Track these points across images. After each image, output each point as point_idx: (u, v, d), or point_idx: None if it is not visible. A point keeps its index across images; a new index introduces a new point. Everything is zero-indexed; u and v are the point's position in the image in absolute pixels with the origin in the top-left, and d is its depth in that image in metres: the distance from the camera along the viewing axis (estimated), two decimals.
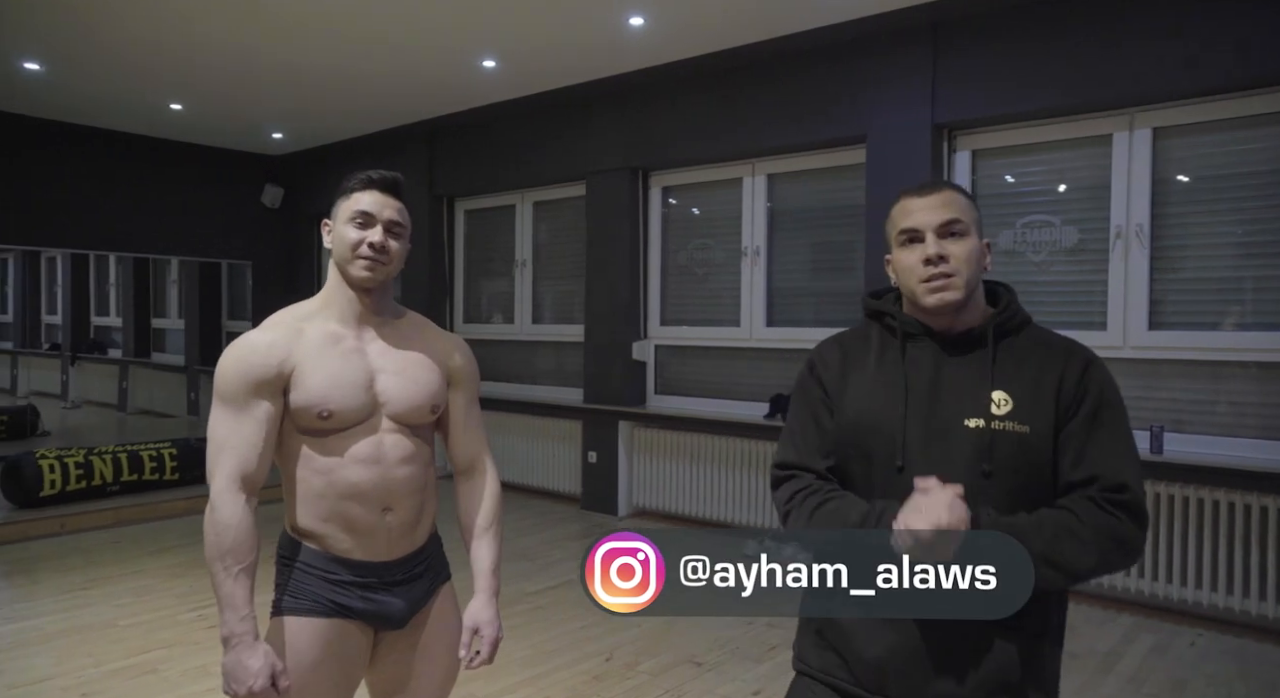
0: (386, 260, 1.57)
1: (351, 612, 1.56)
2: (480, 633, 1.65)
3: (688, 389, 5.73)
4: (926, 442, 1.34)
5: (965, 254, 1.34)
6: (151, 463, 5.94)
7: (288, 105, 6.39)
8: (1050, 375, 1.33)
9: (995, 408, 1.31)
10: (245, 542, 1.45)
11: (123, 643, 3.49)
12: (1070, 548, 1.23)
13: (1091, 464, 1.29)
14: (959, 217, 1.35)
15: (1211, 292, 3.92)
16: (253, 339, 1.54)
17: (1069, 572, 1.24)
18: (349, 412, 1.54)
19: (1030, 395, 1.32)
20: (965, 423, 1.32)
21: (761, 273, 5.32)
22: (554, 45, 4.99)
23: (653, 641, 3.58)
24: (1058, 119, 4.19)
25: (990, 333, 1.36)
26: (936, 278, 1.34)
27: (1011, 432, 1.30)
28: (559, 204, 6.48)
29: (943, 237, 1.35)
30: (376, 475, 1.55)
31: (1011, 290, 1.43)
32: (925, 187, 1.39)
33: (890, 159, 4.52)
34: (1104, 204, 4.09)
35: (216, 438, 1.49)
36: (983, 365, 1.35)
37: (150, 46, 5.05)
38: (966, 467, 1.30)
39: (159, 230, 7.48)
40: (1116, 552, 1.26)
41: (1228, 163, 3.84)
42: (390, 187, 1.60)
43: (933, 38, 4.35)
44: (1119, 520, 1.25)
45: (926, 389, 1.36)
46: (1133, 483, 1.27)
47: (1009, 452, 1.30)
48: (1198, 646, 3.56)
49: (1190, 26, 3.69)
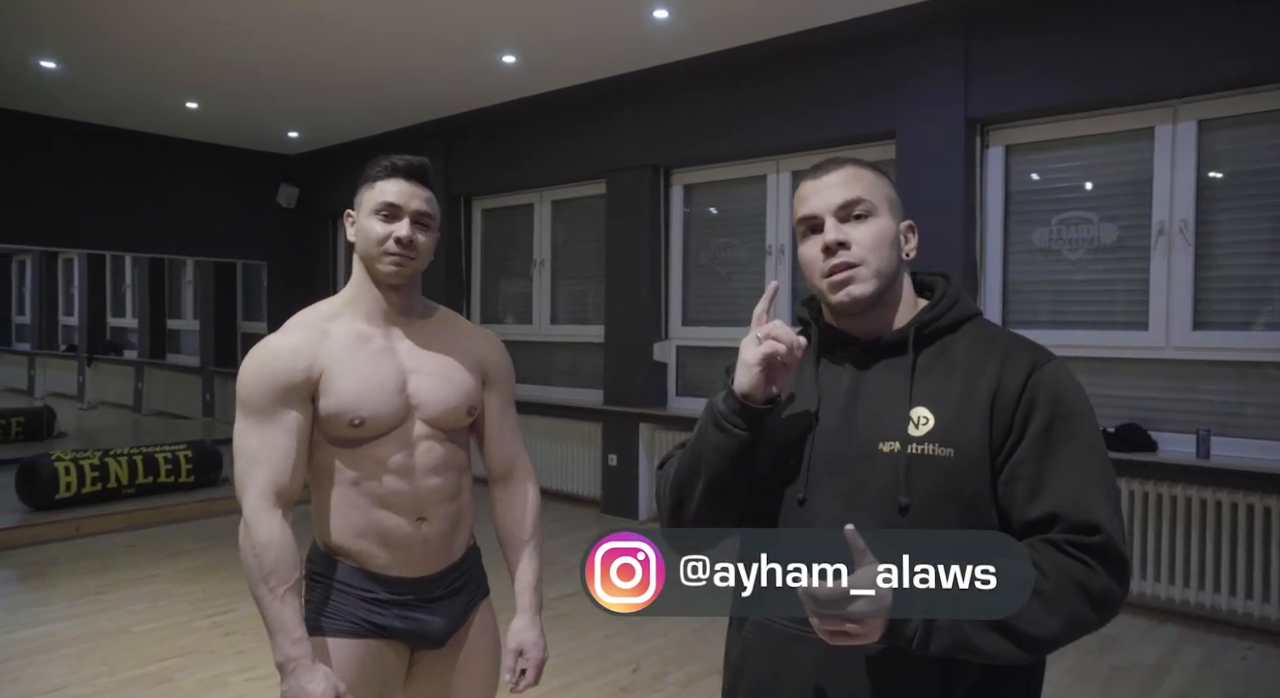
0: (414, 255, 1.46)
1: (389, 632, 1.46)
2: (525, 654, 1.55)
3: (710, 391, 5.52)
4: (834, 469, 1.11)
5: (871, 239, 1.11)
6: (167, 465, 5.88)
7: (304, 104, 6.32)
8: (983, 384, 1.07)
9: (913, 427, 1.07)
10: (288, 560, 1.36)
11: (137, 651, 3.41)
12: (1030, 612, 0.96)
13: (1050, 499, 1.02)
14: (861, 195, 1.12)
15: (1259, 290, 3.77)
16: (275, 344, 1.43)
17: (1029, 641, 0.97)
18: (382, 418, 1.44)
19: (958, 410, 1.07)
20: (879, 446, 1.08)
21: (786, 272, 5.20)
22: (575, 40, 4.90)
23: (681, 650, 3.47)
24: (1096, 112, 4.05)
25: (910, 336, 1.12)
26: (840, 270, 1.11)
27: (932, 456, 1.06)
28: (578, 203, 6.38)
29: (844, 220, 1.12)
30: (409, 485, 1.46)
31: (951, 280, 1.20)
32: (821, 166, 1.16)
33: (921, 155, 4.40)
34: (1145, 200, 3.95)
35: (245, 452, 1.39)
36: (904, 376, 1.11)
37: (166, 45, 4.99)
38: (880, 500, 1.07)
39: (174, 230, 7.43)
40: (1090, 611, 0.99)
41: (1278, 155, 3.70)
42: (417, 173, 1.47)
43: (965, 29, 4.22)
44: (1091, 570, 0.99)
45: (840, 407, 1.13)
46: (1105, 521, 1.00)
47: (930, 481, 1.05)
48: (1249, 660, 3.42)
49: (1237, 13, 3.55)
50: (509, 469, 1.65)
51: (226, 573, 4.42)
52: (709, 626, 3.72)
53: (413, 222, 1.46)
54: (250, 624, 3.67)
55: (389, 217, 1.45)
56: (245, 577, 1.37)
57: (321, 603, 1.45)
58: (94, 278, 9.85)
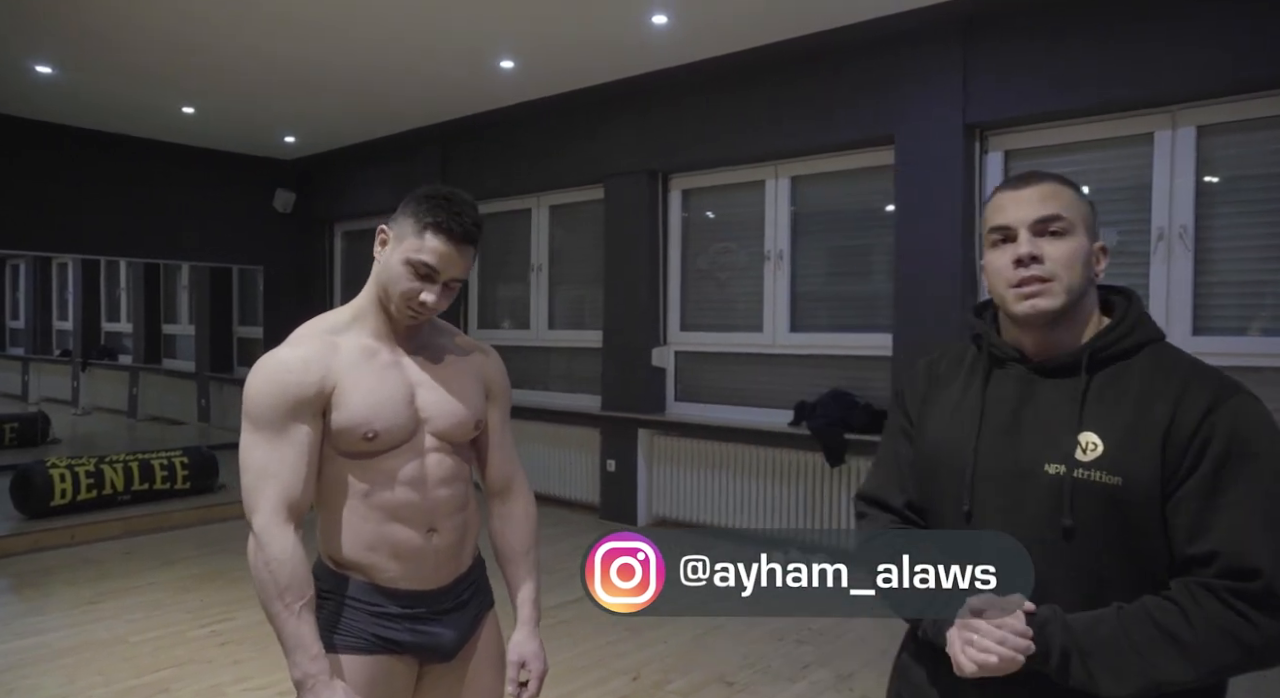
0: (434, 312, 1.47)
1: (400, 646, 1.45)
2: (527, 666, 1.56)
3: (709, 396, 5.60)
4: (999, 487, 1.13)
5: (1066, 256, 1.12)
6: (163, 472, 5.84)
7: (300, 108, 6.31)
8: (1158, 415, 1.06)
9: (1081, 453, 1.08)
10: (302, 575, 1.34)
11: (133, 661, 3.38)
12: (1166, 659, 0.98)
13: (1212, 538, 1.01)
14: (1060, 212, 1.13)
15: (1256, 296, 3.78)
16: (285, 357, 1.41)
17: (1163, 683, 0.99)
18: (394, 431, 1.43)
19: (1128, 439, 1.06)
20: (1045, 468, 1.09)
21: (785, 277, 5.20)
22: (574, 45, 4.89)
23: (681, 658, 3.45)
24: (1095, 118, 4.05)
25: (1084, 359, 1.12)
26: (1029, 282, 1.12)
27: (1097, 483, 1.06)
28: (576, 208, 6.37)
29: (1039, 235, 1.13)
30: (419, 497, 1.45)
31: (1134, 300, 1.19)
32: (1021, 178, 1.18)
33: (920, 160, 4.39)
34: (1144, 205, 3.95)
35: (254, 466, 1.37)
36: (1075, 399, 1.11)
37: (163, 49, 4.98)
38: (1043, 521, 1.08)
39: (170, 235, 7.41)
40: (1243, 658, 0.98)
41: (1275, 161, 3.70)
42: (470, 238, 1.43)
43: (964, 34, 4.22)
44: (1244, 620, 0.97)
45: (1007, 423, 1.15)
46: (1268, 567, 0.98)
47: (1095, 508, 1.06)
48: None
49: (1235, 19, 3.55)
50: (507, 484, 1.66)
51: (224, 581, 4.39)
52: (710, 633, 3.70)
53: (443, 286, 1.43)
54: (248, 634, 3.64)
55: (423, 276, 1.41)
56: (259, 594, 1.35)
57: (331, 620, 1.43)
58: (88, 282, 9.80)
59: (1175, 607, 1.01)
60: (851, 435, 4.63)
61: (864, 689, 3.15)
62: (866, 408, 4.71)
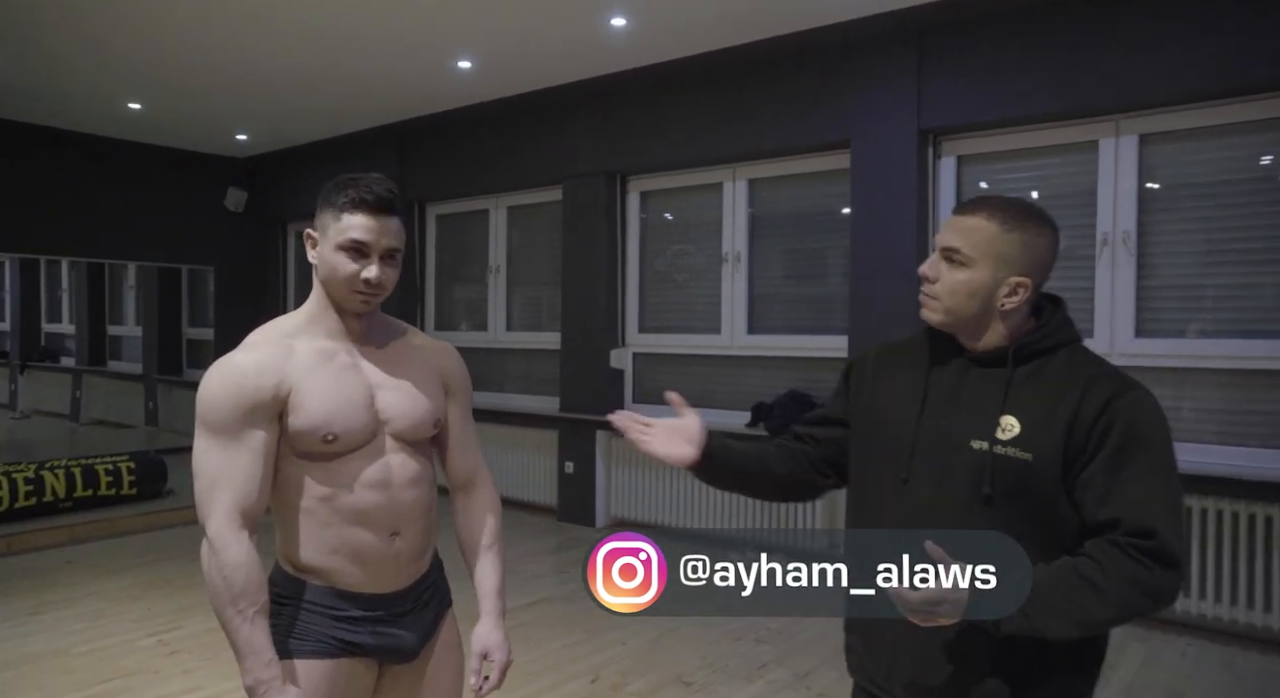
0: (384, 292, 1.44)
1: (361, 649, 1.45)
2: (490, 657, 1.56)
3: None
4: (932, 457, 1.32)
5: (950, 285, 1.32)
6: (108, 477, 5.68)
7: (253, 106, 6.18)
8: (1065, 404, 1.25)
9: (1001, 432, 1.27)
10: (256, 581, 1.33)
11: (75, 673, 3.28)
12: (1088, 602, 1.17)
13: (1116, 506, 1.20)
14: (961, 247, 1.31)
15: (1194, 300, 3.90)
16: (238, 361, 1.40)
17: (1087, 624, 1.19)
18: (354, 433, 1.42)
19: (1040, 423, 1.25)
20: (971, 443, 1.28)
21: (743, 279, 5.24)
22: (532, 46, 4.87)
23: (639, 659, 3.46)
24: (1044, 125, 4.16)
25: (1010, 355, 1.30)
26: (923, 294, 1.36)
27: (1013, 458, 1.25)
28: (534, 209, 6.35)
29: (945, 259, 1.33)
30: (385, 499, 1.45)
31: (1060, 307, 1.35)
32: (966, 205, 1.36)
33: (875, 164, 4.46)
34: (1090, 211, 4.06)
35: (208, 472, 1.35)
36: (999, 387, 1.30)
37: (106, 42, 4.84)
38: (968, 489, 1.27)
39: (116, 235, 7.20)
40: (1142, 600, 1.19)
41: (1213, 170, 3.83)
42: (386, 206, 1.41)
43: (918, 42, 4.30)
44: (1146, 568, 1.18)
45: (943, 404, 1.34)
46: (1162, 528, 1.18)
47: (1009, 479, 1.25)
48: (1188, 656, 3.53)
49: (1175, 34, 3.68)
50: (470, 478, 1.66)
51: (172, 589, 4.29)
52: (667, 635, 3.71)
53: (381, 259, 1.42)
54: (197, 642, 3.56)
55: (359, 254, 1.40)
56: (212, 600, 1.33)
57: (289, 626, 1.41)
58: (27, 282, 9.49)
59: (1092, 561, 1.19)
60: None
61: (821, 687, 3.18)
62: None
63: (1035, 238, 1.30)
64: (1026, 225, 1.30)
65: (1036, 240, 1.30)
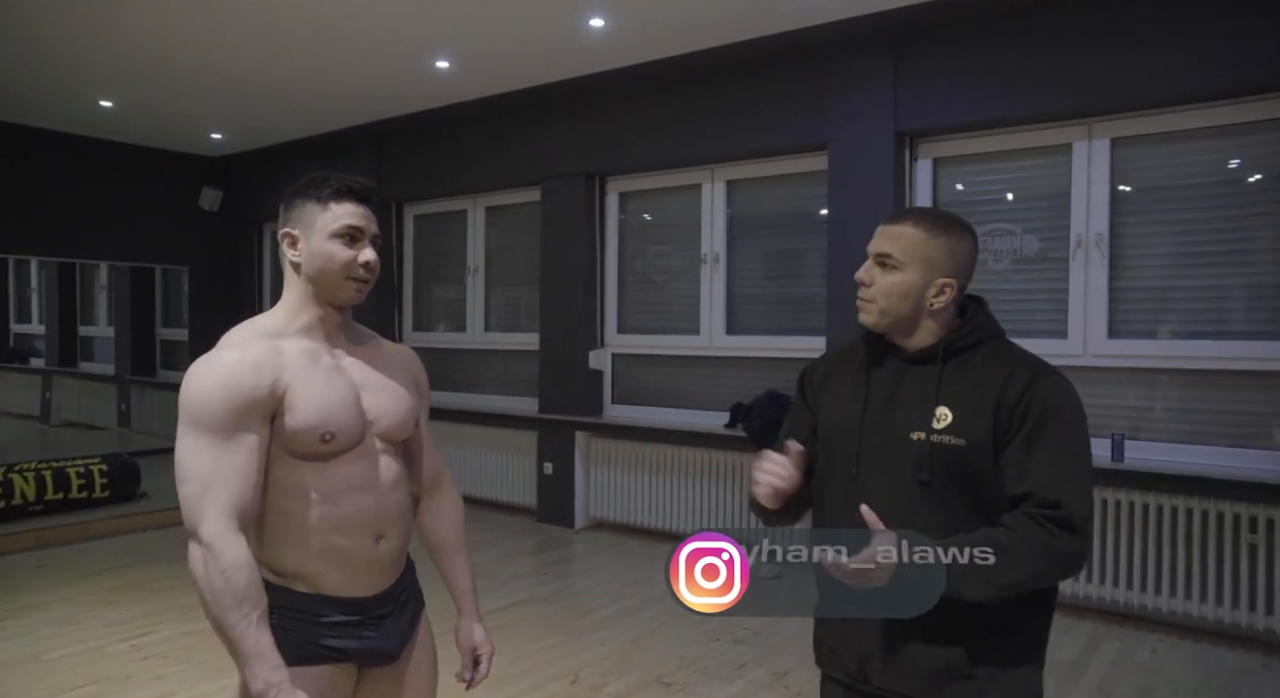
0: (374, 280, 1.48)
1: (344, 654, 1.43)
2: (478, 651, 1.64)
3: (646, 399, 5.62)
4: (878, 451, 1.43)
5: (885, 287, 1.43)
6: (79, 480, 5.60)
7: (228, 104, 6.12)
8: (990, 391, 1.37)
9: (936, 422, 1.39)
10: (258, 583, 1.30)
11: (46, 680, 3.23)
12: (1004, 566, 1.28)
13: (1028, 480, 1.32)
14: (892, 252, 1.43)
15: (1166, 301, 3.97)
16: (232, 359, 1.36)
17: (1000, 585, 1.29)
18: (348, 433, 1.42)
19: (970, 411, 1.37)
20: (910, 435, 1.40)
21: (721, 280, 5.25)
22: (511, 46, 4.86)
23: (619, 661, 3.46)
24: (1018, 128, 4.21)
25: (940, 351, 1.43)
26: (859, 298, 1.47)
27: (948, 445, 1.37)
28: (513, 209, 6.33)
29: (878, 265, 1.44)
30: (373, 502, 1.45)
31: (981, 306, 1.49)
32: (892, 214, 1.49)
33: (852, 166, 4.49)
34: (1064, 213, 4.12)
35: (200, 473, 1.30)
36: (932, 382, 1.42)
37: (76, 37, 4.76)
38: (908, 475, 1.39)
39: (88, 234, 7.09)
40: (1052, 565, 1.31)
41: (1184, 173, 3.90)
42: (366, 195, 1.47)
43: (895, 46, 4.34)
44: (1052, 535, 1.29)
45: (884, 403, 1.46)
46: (1067, 498, 1.30)
47: (946, 463, 1.37)
48: (1159, 653, 3.58)
49: (1148, 40, 3.73)
50: (436, 479, 1.69)
51: (145, 593, 4.23)
52: (647, 635, 3.72)
53: (372, 244, 1.46)
54: (171, 647, 3.52)
55: (353, 240, 1.43)
56: (212, 606, 1.28)
57: (274, 634, 1.37)
58: None
59: (1006, 529, 1.31)
60: None
61: (799, 687, 3.20)
62: None
63: (958, 243, 1.43)
64: (950, 232, 1.43)
65: (959, 245, 1.43)
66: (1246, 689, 3.25)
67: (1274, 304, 3.72)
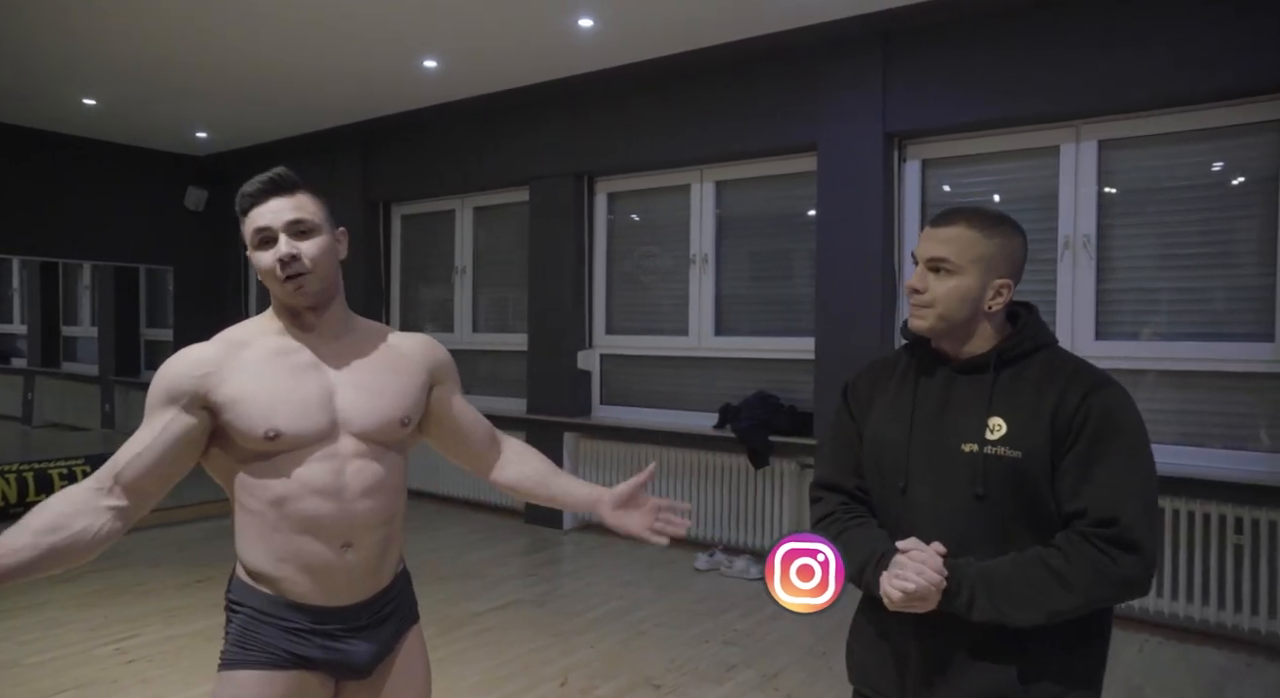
0: (307, 268, 1.38)
1: (311, 662, 1.40)
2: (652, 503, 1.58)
3: (635, 399, 5.62)
4: (928, 464, 1.37)
5: (943, 292, 1.37)
6: (62, 482, 5.53)
7: (213, 103, 6.07)
8: (1047, 401, 1.31)
9: (989, 433, 1.33)
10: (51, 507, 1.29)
11: (27, 685, 3.18)
12: (1052, 590, 1.24)
13: (1084, 496, 1.27)
14: (948, 256, 1.37)
15: (1155, 302, 3.99)
16: (185, 351, 1.41)
17: (1050, 612, 1.24)
18: (301, 432, 1.37)
19: (1025, 421, 1.32)
20: (962, 447, 1.34)
21: (710, 281, 5.25)
22: (499, 46, 4.84)
23: (608, 662, 3.45)
24: (1006, 130, 4.22)
25: (992, 359, 1.37)
26: (914, 305, 1.40)
27: (1003, 457, 1.31)
28: (501, 210, 6.31)
29: (931, 270, 1.38)
30: (335, 508, 1.38)
31: (1033, 312, 1.42)
32: (942, 217, 1.41)
33: (841, 167, 4.50)
34: (1052, 215, 4.13)
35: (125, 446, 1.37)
36: (985, 391, 1.36)
37: (58, 33, 4.71)
38: (961, 490, 1.33)
39: (71, 234, 7.01)
40: (1108, 589, 1.25)
41: (1171, 175, 3.92)
42: (277, 187, 1.39)
43: (884, 47, 4.35)
44: (1108, 557, 1.23)
45: (933, 414, 1.40)
46: (1125, 516, 1.24)
47: (1001, 477, 1.31)
48: (1145, 652, 3.61)
49: (1134, 43, 3.75)
50: (493, 443, 1.69)
51: (131, 596, 4.19)
52: (636, 637, 3.71)
53: (289, 235, 1.38)
54: (157, 650, 3.48)
55: (264, 241, 1.39)
56: None
57: (240, 634, 1.38)
58: None
59: (1058, 551, 1.26)
60: (776, 438, 4.71)
61: (789, 688, 3.20)
62: (790, 410, 4.79)
63: (1010, 242, 1.39)
64: (1003, 230, 1.38)
65: (1011, 243, 1.39)
66: (1232, 689, 3.27)
67: (1260, 306, 3.75)
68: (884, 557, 1.33)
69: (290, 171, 1.42)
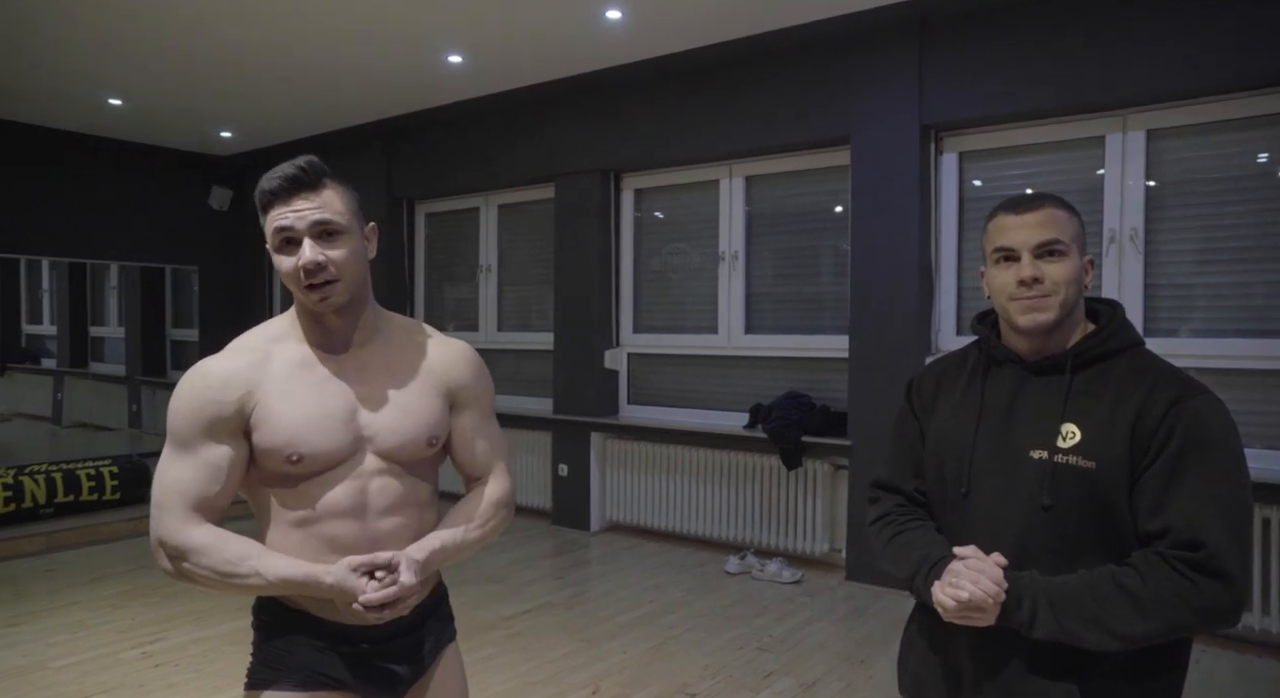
0: (334, 276, 1.27)
1: (341, 683, 1.33)
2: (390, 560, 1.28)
3: (663, 399, 5.52)
4: (992, 470, 1.29)
5: (1063, 276, 1.27)
6: (90, 483, 5.54)
7: (238, 102, 6.04)
8: (1128, 408, 1.22)
9: (1061, 440, 1.24)
10: (236, 540, 1.24)
11: (56, 688, 3.15)
12: (1124, 613, 1.14)
13: (1167, 514, 1.16)
14: (1058, 237, 1.27)
15: (1205, 297, 3.84)
16: (208, 369, 1.29)
17: (1121, 636, 1.15)
18: (324, 454, 1.28)
19: (1103, 429, 1.22)
20: (1030, 453, 1.26)
21: (740, 278, 5.15)
22: (525, 40, 4.76)
23: (640, 669, 3.36)
24: (1048, 120, 4.08)
25: (1069, 360, 1.28)
26: (1032, 299, 1.28)
27: (1075, 466, 1.22)
28: (526, 207, 6.24)
29: (1040, 257, 1.28)
30: (358, 528, 1.31)
31: (1118, 310, 1.33)
32: (1023, 202, 1.31)
33: (875, 161, 4.38)
34: (1096, 207, 3.99)
35: (164, 482, 1.26)
36: (1059, 395, 1.27)
37: (86, 35, 4.69)
38: (1027, 499, 1.25)
39: (97, 234, 7.03)
40: (1189, 617, 1.14)
41: (1222, 165, 3.77)
42: (299, 183, 1.26)
43: (920, 35, 4.22)
44: (1190, 583, 1.13)
45: (1001, 416, 1.31)
46: (1212, 539, 1.13)
47: (1072, 487, 1.22)
48: (1202, 663, 3.46)
49: (1185, 27, 3.61)
50: (478, 480, 1.50)
51: (158, 597, 4.16)
52: (669, 643, 3.62)
53: (314, 238, 1.26)
54: (184, 654, 3.44)
55: (287, 243, 1.27)
56: (222, 586, 1.23)
57: (268, 653, 1.32)
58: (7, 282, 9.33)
59: (1133, 571, 1.16)
60: (808, 438, 4.60)
61: (828, 697, 3.09)
62: (823, 410, 4.68)
63: (1081, 220, 1.35)
64: (1075, 209, 1.35)
65: (1082, 222, 1.35)
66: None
67: None
68: (938, 563, 1.27)
69: (316, 161, 1.30)
